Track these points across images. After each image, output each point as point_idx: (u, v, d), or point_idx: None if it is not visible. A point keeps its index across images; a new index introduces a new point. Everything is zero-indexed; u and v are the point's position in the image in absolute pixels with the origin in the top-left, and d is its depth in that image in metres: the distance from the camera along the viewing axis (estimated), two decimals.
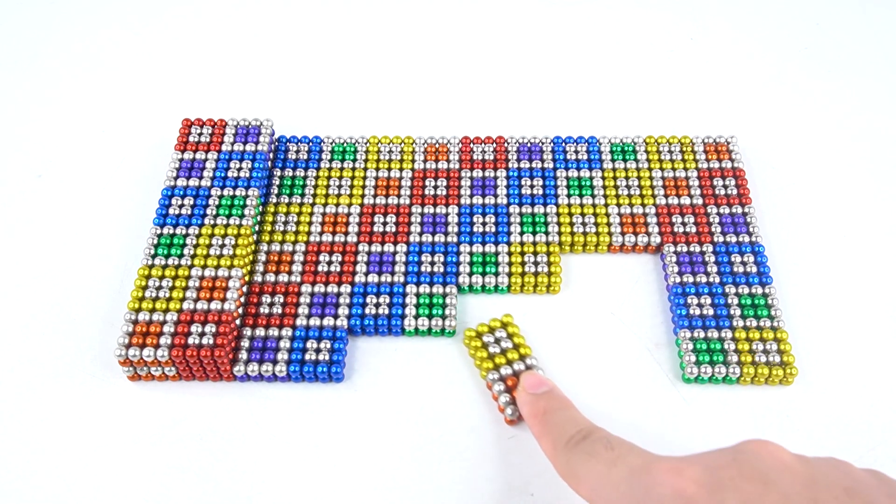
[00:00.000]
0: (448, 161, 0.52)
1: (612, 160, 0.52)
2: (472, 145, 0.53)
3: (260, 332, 0.44)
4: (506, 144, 0.53)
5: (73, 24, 0.64)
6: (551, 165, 0.51)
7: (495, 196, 0.50)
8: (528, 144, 0.52)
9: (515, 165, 0.51)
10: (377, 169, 0.52)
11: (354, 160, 0.52)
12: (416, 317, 0.45)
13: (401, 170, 0.52)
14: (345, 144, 0.53)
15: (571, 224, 0.49)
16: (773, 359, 0.43)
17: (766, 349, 0.43)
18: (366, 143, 0.53)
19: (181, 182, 0.49)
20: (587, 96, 0.58)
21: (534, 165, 0.51)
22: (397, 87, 0.59)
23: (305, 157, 0.52)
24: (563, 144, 0.53)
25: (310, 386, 0.43)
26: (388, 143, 0.53)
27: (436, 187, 0.51)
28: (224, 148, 0.50)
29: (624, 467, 0.31)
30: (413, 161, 0.52)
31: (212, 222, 0.47)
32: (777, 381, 0.43)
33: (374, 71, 0.60)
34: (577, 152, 0.52)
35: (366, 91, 0.59)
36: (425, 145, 0.53)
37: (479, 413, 0.42)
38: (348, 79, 0.60)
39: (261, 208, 0.49)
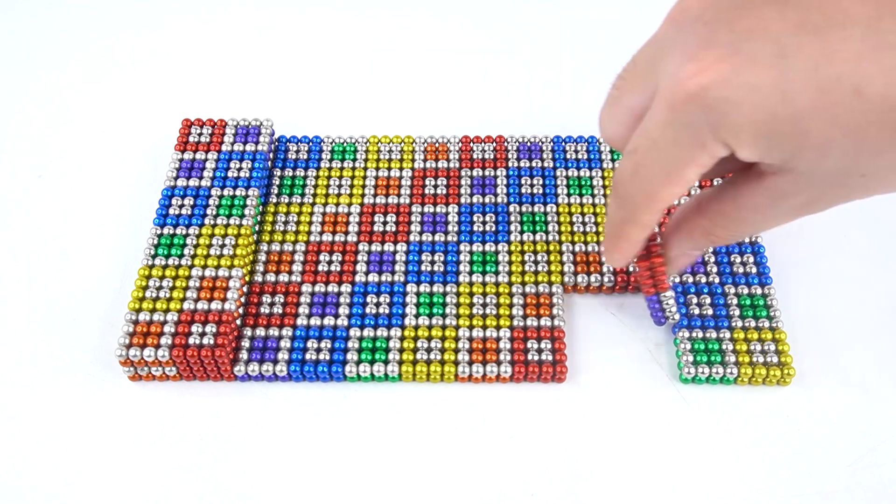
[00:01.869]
0: (448, 160, 0.52)
1: (613, 160, 0.52)
2: (471, 144, 0.53)
3: (260, 331, 0.44)
4: (506, 144, 0.53)
5: (73, 24, 0.64)
6: (551, 165, 0.51)
7: (495, 195, 0.50)
8: (528, 144, 0.52)
9: (515, 165, 0.51)
10: (377, 169, 0.52)
11: (354, 160, 0.52)
12: (417, 316, 0.45)
13: (401, 169, 0.52)
14: (345, 144, 0.53)
15: (571, 223, 0.49)
16: (770, 359, 0.43)
17: (763, 349, 0.43)
18: (366, 143, 0.53)
19: (181, 182, 0.49)
20: (588, 96, 0.58)
21: (534, 165, 0.51)
22: (397, 86, 0.59)
23: (305, 157, 0.52)
24: (563, 144, 0.53)
25: (310, 386, 0.43)
26: (388, 143, 0.53)
27: (436, 187, 0.51)
28: (224, 148, 0.50)
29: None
30: (413, 161, 0.52)
31: (212, 222, 0.47)
32: (775, 381, 0.43)
33: (373, 71, 0.60)
34: (577, 152, 0.52)
35: (366, 91, 0.59)
36: (425, 145, 0.53)
37: (479, 413, 0.42)
38: (348, 78, 0.60)
39: (261, 208, 0.49)
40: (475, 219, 0.49)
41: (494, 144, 0.53)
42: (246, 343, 0.44)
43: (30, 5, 0.65)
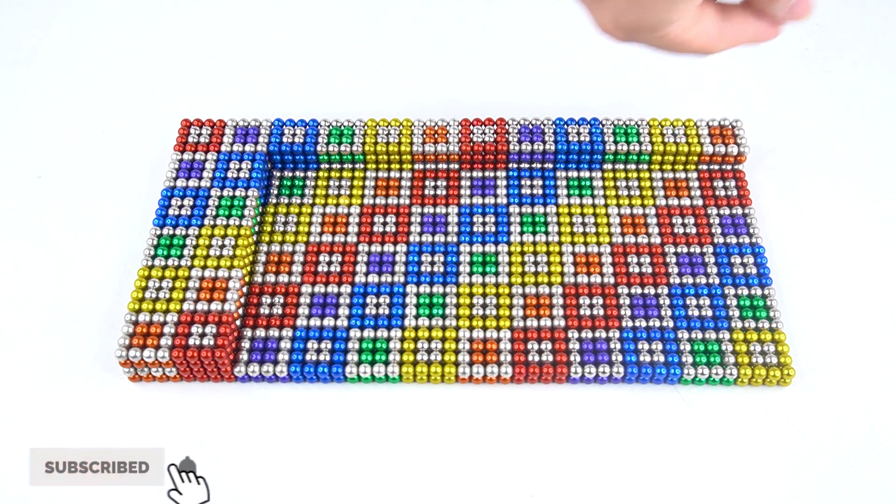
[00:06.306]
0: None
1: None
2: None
3: (260, 332, 0.44)
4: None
5: (73, 24, 0.64)
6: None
7: (495, 196, 0.50)
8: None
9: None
10: (377, 169, 0.52)
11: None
12: (416, 317, 0.45)
13: (400, 170, 0.51)
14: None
15: (571, 224, 0.49)
16: (770, 360, 0.43)
17: (763, 350, 0.43)
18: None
19: (181, 183, 0.49)
20: (586, 104, 0.58)
21: (535, 166, 0.51)
22: (395, 78, 0.59)
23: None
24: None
25: (310, 387, 0.43)
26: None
27: (436, 187, 0.51)
28: (223, 148, 0.50)
29: None
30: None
31: (211, 223, 0.47)
32: (774, 381, 0.43)
33: (372, 62, 0.60)
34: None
35: (365, 82, 0.59)
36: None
37: (479, 413, 0.42)
38: (347, 71, 0.59)
39: (260, 209, 0.49)
40: (475, 220, 0.49)
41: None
42: (246, 344, 0.44)
43: (30, 5, 0.65)
